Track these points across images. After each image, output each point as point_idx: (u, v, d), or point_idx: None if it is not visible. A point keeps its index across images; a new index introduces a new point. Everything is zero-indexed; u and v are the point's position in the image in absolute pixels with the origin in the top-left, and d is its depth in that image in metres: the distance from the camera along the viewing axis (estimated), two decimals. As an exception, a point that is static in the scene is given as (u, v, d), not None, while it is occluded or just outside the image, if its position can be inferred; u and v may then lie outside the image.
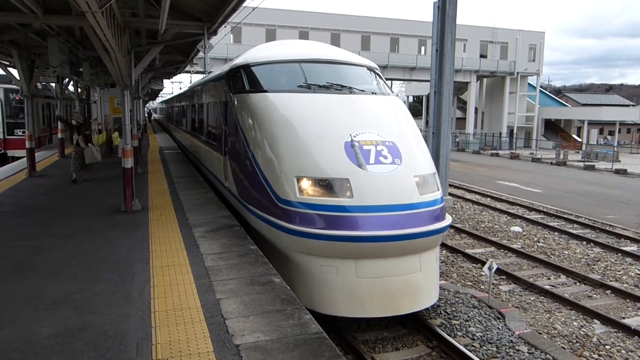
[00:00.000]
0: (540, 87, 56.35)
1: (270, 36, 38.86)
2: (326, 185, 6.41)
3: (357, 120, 7.09)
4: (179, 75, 33.12)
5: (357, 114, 7.32)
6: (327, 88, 7.80)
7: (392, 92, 8.79)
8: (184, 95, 20.92)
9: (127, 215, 8.87)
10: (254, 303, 4.91)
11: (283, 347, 4.04)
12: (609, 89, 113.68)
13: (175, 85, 52.72)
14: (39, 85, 22.96)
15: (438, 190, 7.02)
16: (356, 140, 6.68)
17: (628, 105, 65.74)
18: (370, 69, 8.94)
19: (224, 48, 34.99)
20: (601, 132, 61.56)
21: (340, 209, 6.20)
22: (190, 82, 23.54)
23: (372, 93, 8.15)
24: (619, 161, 34.87)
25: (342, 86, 7.93)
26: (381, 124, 7.22)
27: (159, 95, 56.60)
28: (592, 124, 54.68)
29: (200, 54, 12.90)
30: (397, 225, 6.19)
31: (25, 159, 14.11)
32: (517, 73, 48.74)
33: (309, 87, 7.71)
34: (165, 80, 37.79)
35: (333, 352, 3.97)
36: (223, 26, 10.03)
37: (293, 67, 8.14)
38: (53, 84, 21.88)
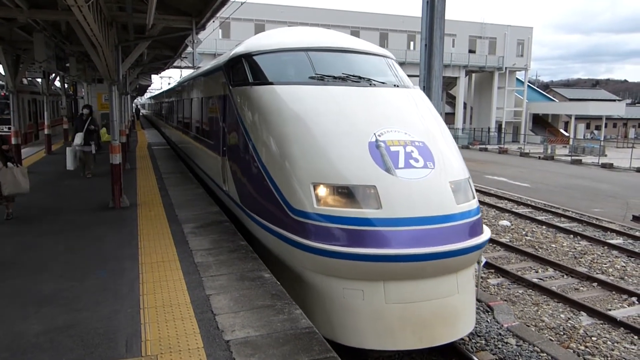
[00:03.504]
0: (528, 82, 56.76)
1: (259, 31, 38.63)
2: (349, 193, 5.51)
3: (380, 117, 6.20)
4: (168, 70, 32.88)
5: (380, 109, 6.41)
6: (343, 80, 6.86)
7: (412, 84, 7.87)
8: (175, 90, 19.62)
9: (115, 211, 8.81)
10: (244, 299, 4.91)
11: (273, 342, 4.05)
12: (595, 84, 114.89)
13: (164, 81, 52.19)
14: (25, 81, 22.66)
15: (474, 198, 6.12)
16: (382, 140, 5.79)
17: (614, 100, 66.52)
18: (387, 58, 7.98)
19: (212, 43, 34.82)
20: (588, 126, 62.14)
21: (366, 222, 5.31)
22: (181, 77, 22.42)
23: (395, 86, 7.23)
24: (606, 155, 35.30)
25: (360, 78, 7.00)
26: (408, 121, 6.32)
27: (147, 91, 56.12)
28: (579, 118, 55.16)
29: (189, 49, 12.83)
30: (433, 241, 5.29)
31: (11, 155, 13.92)
32: (506, 68, 49.05)
33: (322, 79, 6.77)
34: (153, 76, 37.53)
35: (323, 346, 3.98)
36: (211, 21, 9.97)
37: (302, 56, 7.18)
38: (39, 80, 21.62)
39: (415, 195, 5.48)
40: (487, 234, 5.96)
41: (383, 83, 7.12)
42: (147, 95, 61.58)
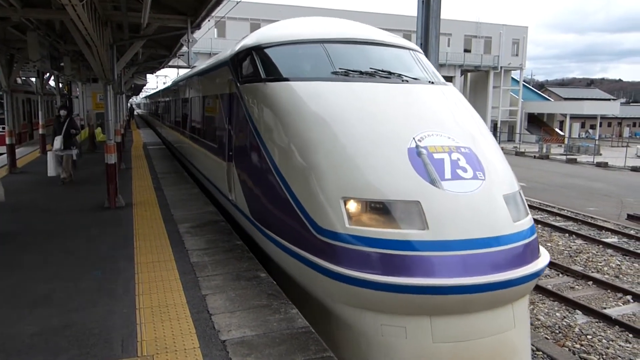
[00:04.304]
0: (524, 81, 56.99)
1: (255, 30, 38.65)
2: (387, 210, 4.68)
3: (418, 118, 5.42)
4: (164, 69, 32.79)
5: (417, 109, 5.64)
6: (371, 75, 6.07)
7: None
8: (173, 88, 18.61)
9: (111, 211, 8.78)
10: (240, 298, 4.90)
11: (270, 341, 4.04)
12: (590, 83, 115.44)
13: (159, 80, 52.08)
14: (19, 80, 22.55)
15: (528, 214, 5.23)
16: (423, 145, 4.96)
17: (609, 100, 66.79)
18: (413, 51, 7.13)
19: (207, 42, 34.75)
20: (583, 125, 62.44)
21: (409, 245, 4.46)
22: (179, 75, 21.71)
23: (430, 82, 6.41)
24: (600, 154, 35.50)
25: (390, 73, 6.18)
26: (449, 123, 5.50)
27: (142, 90, 55.99)
28: (574, 117, 55.45)
29: (184, 48, 12.79)
30: (488, 269, 4.46)
31: (5, 155, 13.87)
32: (501, 67, 49.20)
33: (346, 74, 5.99)
34: (148, 75, 37.44)
35: (320, 346, 3.98)
36: (207, 20, 9.95)
37: (320, 48, 6.38)
38: (33, 79, 21.51)
39: (465, 212, 4.63)
40: (545, 257, 5.06)
41: (416, 79, 6.31)
42: (143, 94, 61.47)
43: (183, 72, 23.07)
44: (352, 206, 4.77)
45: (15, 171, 13.15)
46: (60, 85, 20.35)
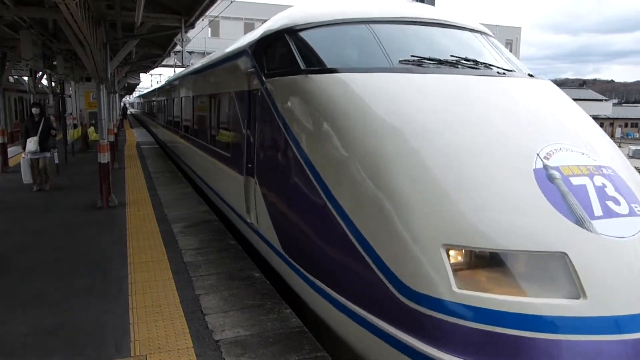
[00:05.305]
0: (517, 82, 57.21)
1: (249, 30, 38.54)
2: (517, 266, 3.19)
3: (533, 126, 3.91)
4: (158, 68, 32.71)
5: (528, 112, 4.11)
6: (453, 66, 4.59)
7: None
8: (172, 86, 16.80)
9: (103, 211, 8.74)
10: (234, 298, 4.89)
11: (263, 341, 4.04)
12: (582, 84, 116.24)
13: (154, 78, 51.91)
14: (11, 79, 22.40)
15: None
16: (553, 165, 3.46)
17: (601, 100, 67.29)
18: (486, 35, 5.70)
19: (201, 42, 34.64)
20: (575, 126, 62.83)
21: (558, 325, 2.92)
22: (177, 72, 20.35)
23: (529, 75, 5.03)
24: (593, 155, 35.64)
25: (476, 62, 4.75)
26: (573, 133, 3.98)
27: (136, 89, 55.79)
28: (566, 118, 55.77)
29: (178, 47, 12.76)
30: None
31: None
32: (494, 68, 49.40)
33: (419, 64, 4.51)
34: (142, 75, 37.34)
35: (313, 345, 3.98)
36: (201, 19, 9.93)
37: (376, 30, 4.92)
38: (26, 78, 21.37)
39: (632, 270, 3.12)
40: None
41: (509, 70, 4.87)
42: (136, 93, 61.26)
43: (181, 71, 22.74)
44: (461, 259, 3.28)
45: (6, 170, 13.07)
46: (53, 84, 20.24)
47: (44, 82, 22.01)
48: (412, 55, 4.59)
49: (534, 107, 4.29)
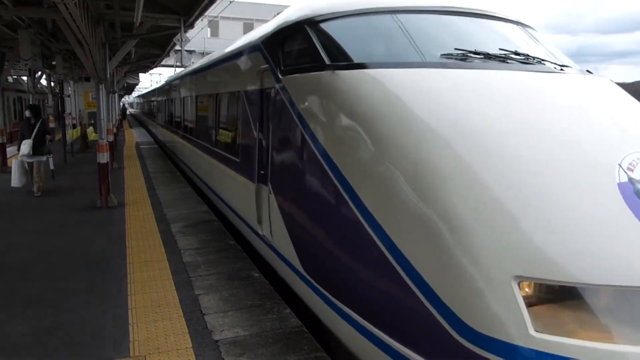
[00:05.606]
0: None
1: (248, 31, 38.56)
2: (608, 304, 2.63)
3: (605, 130, 3.44)
4: (157, 68, 32.70)
5: (598, 115, 3.64)
6: (502, 60, 4.07)
7: None
8: (172, 86, 16.18)
9: (103, 211, 8.73)
10: (233, 298, 4.89)
11: (262, 341, 4.03)
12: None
13: (154, 78, 51.91)
14: (10, 79, 22.38)
15: None
16: (639, 179, 2.97)
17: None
18: (525, 26, 5.13)
19: (200, 42, 34.63)
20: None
21: None
22: (177, 71, 19.77)
23: (587, 72, 4.58)
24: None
25: (528, 56, 4.25)
26: None
27: (135, 89, 55.78)
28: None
29: (178, 47, 12.76)
30: None
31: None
32: (493, 68, 49.42)
33: (463, 59, 3.99)
34: (141, 75, 37.32)
35: (312, 345, 3.98)
36: (200, 19, 9.93)
37: (409, 21, 4.42)
38: (25, 78, 21.36)
39: None
40: None
41: (565, 66, 4.37)
42: (135, 93, 61.26)
43: (174, 71, 22.54)
44: (536, 295, 2.66)
45: (5, 170, 13.05)
46: (52, 84, 20.22)
47: (43, 82, 21.99)
48: (456, 49, 4.06)
49: (604, 108, 3.79)
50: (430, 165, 3.12)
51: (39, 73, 18.27)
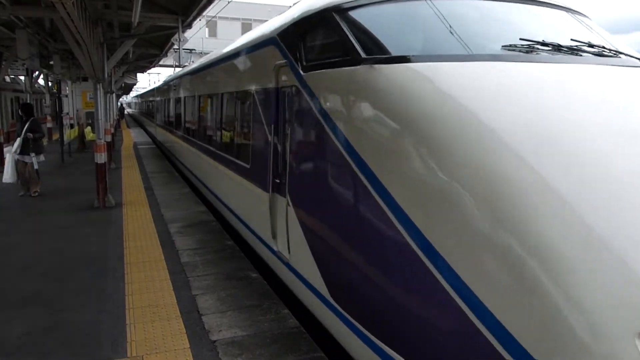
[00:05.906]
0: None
1: (246, 31, 38.55)
2: None
3: None
4: (156, 68, 32.67)
5: None
6: (574, 53, 3.53)
7: None
8: (172, 86, 15.45)
9: (100, 211, 8.72)
10: (231, 298, 4.88)
11: (260, 342, 4.03)
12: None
13: (152, 78, 51.82)
14: (7, 79, 22.33)
15: None
16: None
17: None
18: (575, 13, 4.54)
19: (199, 42, 34.61)
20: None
21: None
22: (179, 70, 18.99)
23: None
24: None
25: (604, 48, 3.73)
26: None
27: (133, 89, 55.70)
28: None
29: (176, 47, 12.74)
30: None
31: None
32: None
33: (529, 51, 3.43)
34: (139, 75, 37.27)
35: (310, 346, 3.98)
36: (198, 19, 9.93)
37: (450, 6, 3.88)
38: (22, 77, 21.32)
39: None
40: None
41: (632, 57, 3.90)
42: (133, 93, 61.15)
43: (170, 71, 22.34)
44: None
45: (2, 170, 13.01)
46: (50, 83, 20.18)
47: (41, 81, 21.93)
48: (520, 39, 3.49)
49: None
50: (511, 182, 2.44)
51: (37, 73, 18.23)
